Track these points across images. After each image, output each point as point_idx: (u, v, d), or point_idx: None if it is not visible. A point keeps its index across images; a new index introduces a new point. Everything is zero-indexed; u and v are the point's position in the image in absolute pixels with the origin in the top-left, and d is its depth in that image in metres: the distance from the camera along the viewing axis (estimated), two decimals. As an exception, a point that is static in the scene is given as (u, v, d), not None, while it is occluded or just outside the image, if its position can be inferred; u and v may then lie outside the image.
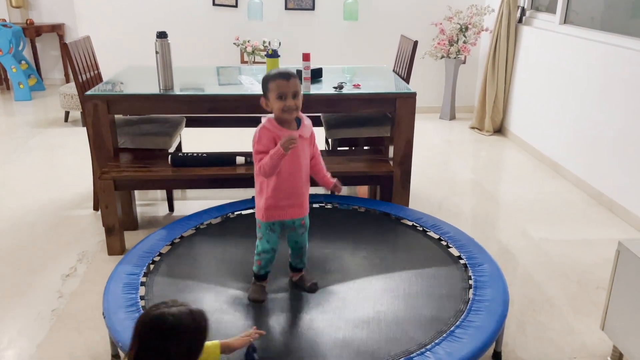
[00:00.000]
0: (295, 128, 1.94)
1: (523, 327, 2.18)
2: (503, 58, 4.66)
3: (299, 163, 1.94)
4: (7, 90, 6.48)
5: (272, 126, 1.90)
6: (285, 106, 1.87)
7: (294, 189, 1.96)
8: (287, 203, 1.96)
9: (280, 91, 1.86)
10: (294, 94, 1.88)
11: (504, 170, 4.12)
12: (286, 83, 1.87)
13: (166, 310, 1.22)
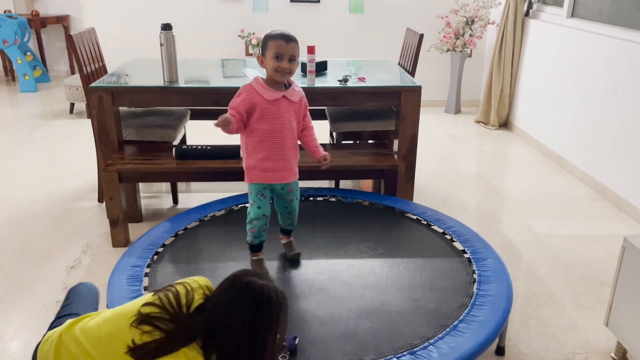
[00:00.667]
0: (283, 89, 1.98)
1: (526, 322, 2.18)
2: (509, 52, 4.63)
3: (280, 125, 1.97)
4: (12, 81, 6.50)
5: (259, 85, 1.95)
6: (280, 67, 1.90)
7: (276, 150, 1.99)
8: (270, 165, 1.99)
9: (278, 51, 1.90)
10: (291, 58, 1.91)
11: (509, 164, 4.10)
12: (285, 45, 1.90)
13: (256, 280, 1.22)
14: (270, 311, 1.21)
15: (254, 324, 1.20)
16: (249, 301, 1.20)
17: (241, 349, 1.20)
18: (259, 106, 1.95)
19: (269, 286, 1.23)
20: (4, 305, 2.24)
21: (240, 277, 1.24)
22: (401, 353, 1.63)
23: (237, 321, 1.20)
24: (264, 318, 1.20)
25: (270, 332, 1.22)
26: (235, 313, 1.20)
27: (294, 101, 2.00)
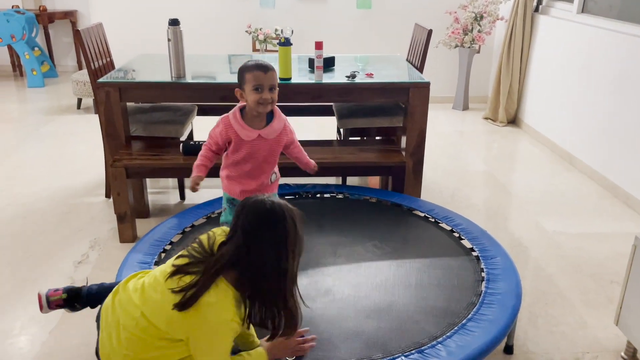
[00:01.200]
0: (262, 126, 1.97)
1: (535, 320, 2.16)
2: (518, 48, 4.59)
3: (254, 159, 2.00)
4: (20, 76, 6.52)
5: (236, 122, 1.96)
6: (262, 98, 1.88)
7: (248, 176, 2.04)
8: (240, 186, 2.05)
9: (257, 83, 1.87)
10: (271, 87, 1.89)
11: (517, 161, 4.07)
12: (263, 75, 1.87)
13: (264, 199, 1.35)
14: (279, 224, 1.31)
15: (268, 239, 1.31)
16: (259, 217, 1.31)
17: (263, 269, 1.31)
18: (235, 142, 1.98)
19: (278, 203, 1.34)
20: (12, 300, 2.25)
21: (249, 199, 1.36)
22: (409, 352, 1.61)
23: (252, 239, 1.31)
24: (275, 232, 1.31)
25: (285, 246, 1.31)
26: (249, 232, 1.31)
27: (269, 139, 2.00)
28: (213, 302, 1.31)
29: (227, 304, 1.32)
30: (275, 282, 1.33)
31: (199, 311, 1.30)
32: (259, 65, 1.89)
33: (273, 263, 1.31)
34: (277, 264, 1.32)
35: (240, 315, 1.34)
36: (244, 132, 1.96)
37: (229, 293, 1.33)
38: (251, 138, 1.97)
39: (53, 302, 1.74)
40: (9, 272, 2.46)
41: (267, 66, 1.89)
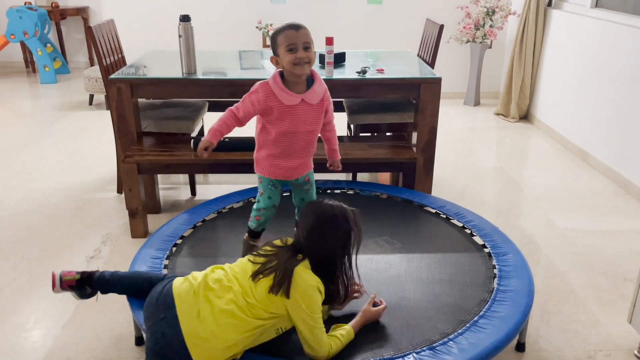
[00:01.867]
0: (304, 90, 1.85)
1: (547, 318, 2.15)
2: (531, 43, 4.55)
3: (296, 129, 1.87)
4: (33, 73, 6.57)
5: (277, 87, 1.81)
6: (297, 58, 1.75)
7: (289, 150, 1.92)
8: (281, 162, 1.93)
9: (290, 42, 1.76)
10: (305, 45, 1.77)
11: (530, 157, 4.04)
12: (295, 33, 1.77)
13: (327, 202, 1.64)
14: (338, 224, 1.62)
15: (331, 236, 1.61)
16: (319, 219, 1.62)
17: (330, 259, 1.62)
18: (276, 110, 1.83)
19: (339, 206, 1.64)
20: (25, 294, 2.27)
21: (314, 204, 1.69)
22: (420, 349, 1.61)
23: (317, 235, 1.60)
24: (336, 230, 1.61)
25: (346, 242, 1.63)
26: (315, 233, 1.60)
27: (312, 104, 1.87)
28: (300, 271, 1.55)
29: (306, 273, 1.56)
30: (340, 267, 1.66)
31: (292, 284, 1.53)
32: (289, 24, 1.80)
33: (338, 255, 1.64)
34: (341, 255, 1.65)
35: (322, 286, 1.58)
36: (286, 97, 1.81)
37: (306, 267, 1.58)
38: (294, 103, 1.82)
39: (65, 282, 1.79)
40: (23, 266, 2.48)
41: (299, 24, 1.79)
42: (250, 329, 1.52)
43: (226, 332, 1.50)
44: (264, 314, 1.53)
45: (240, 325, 1.51)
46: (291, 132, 1.87)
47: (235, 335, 1.51)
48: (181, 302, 1.54)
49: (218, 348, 1.50)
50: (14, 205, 3.10)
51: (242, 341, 1.52)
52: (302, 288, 1.53)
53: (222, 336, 1.49)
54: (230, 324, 1.50)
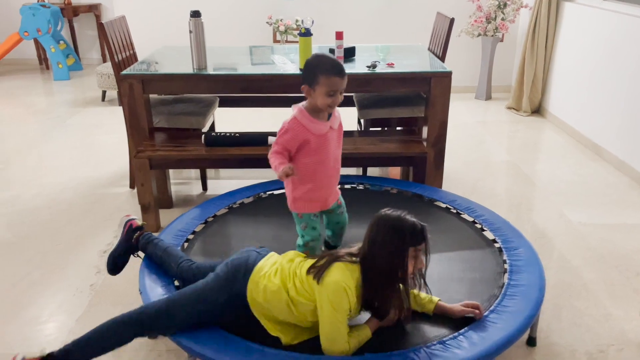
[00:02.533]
0: (326, 119, 1.90)
1: (559, 312, 2.14)
2: (543, 36, 4.50)
3: (327, 156, 1.92)
4: (46, 69, 6.63)
5: (305, 119, 1.85)
6: (334, 102, 1.81)
7: (323, 181, 1.95)
8: (318, 195, 1.96)
9: (333, 89, 1.78)
10: (342, 90, 1.83)
11: (542, 151, 4.01)
12: (340, 81, 1.79)
13: (397, 213, 1.62)
14: (400, 236, 1.57)
15: (388, 247, 1.57)
16: (390, 229, 1.58)
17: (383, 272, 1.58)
18: (312, 141, 1.87)
19: (408, 221, 1.59)
20: (39, 288, 2.31)
21: (385, 215, 1.63)
22: (431, 343, 1.61)
23: (380, 242, 1.58)
24: (395, 242, 1.57)
25: (402, 257, 1.57)
26: (379, 234, 1.59)
27: (335, 129, 1.95)
28: (338, 266, 1.58)
29: (344, 272, 1.57)
30: (391, 285, 1.61)
31: (325, 273, 1.58)
32: (336, 68, 1.79)
33: (391, 270, 1.59)
34: (394, 271, 1.59)
35: (356, 288, 1.58)
36: (317, 127, 1.86)
37: (350, 270, 1.58)
38: (324, 131, 1.88)
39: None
40: (37, 260, 2.52)
41: (343, 69, 1.81)
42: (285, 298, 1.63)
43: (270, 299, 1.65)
44: (302, 295, 1.60)
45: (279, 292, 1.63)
46: (326, 160, 1.92)
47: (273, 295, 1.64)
48: (256, 271, 1.70)
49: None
50: (28, 200, 3.14)
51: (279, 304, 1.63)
52: (332, 281, 1.55)
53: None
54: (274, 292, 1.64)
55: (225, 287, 1.70)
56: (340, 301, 1.54)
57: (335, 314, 1.54)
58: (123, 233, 2.08)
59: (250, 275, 1.69)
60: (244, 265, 1.72)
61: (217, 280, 1.71)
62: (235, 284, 1.69)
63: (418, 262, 1.60)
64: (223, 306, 1.69)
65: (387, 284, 1.59)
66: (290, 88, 2.69)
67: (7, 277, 2.39)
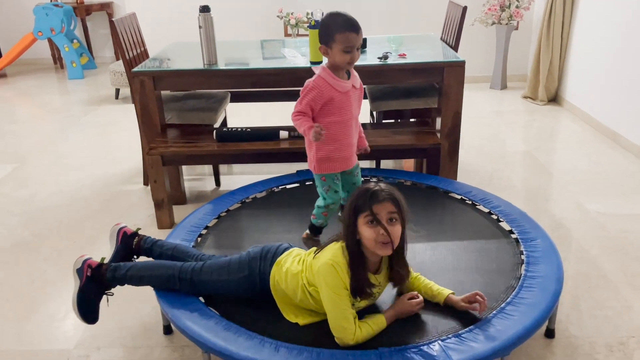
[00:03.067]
0: (346, 77, 1.94)
1: (578, 303, 2.10)
2: (559, 22, 4.42)
3: (350, 115, 1.96)
4: (61, 69, 6.69)
5: (329, 77, 1.90)
6: (352, 59, 1.84)
7: (345, 140, 1.99)
8: (341, 155, 2.00)
9: (349, 45, 1.81)
10: (359, 46, 1.85)
11: (559, 140, 3.94)
12: (355, 36, 1.82)
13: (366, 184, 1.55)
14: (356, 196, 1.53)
15: (345, 212, 1.57)
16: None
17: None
18: (336, 99, 1.91)
19: (364, 186, 1.53)
20: (57, 285, 2.33)
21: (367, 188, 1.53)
22: (446, 337, 1.59)
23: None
24: (347, 206, 1.54)
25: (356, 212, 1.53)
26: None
27: (357, 87, 1.99)
28: (330, 246, 1.59)
29: (335, 250, 1.56)
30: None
31: (319, 256, 1.60)
32: (350, 24, 1.82)
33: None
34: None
35: (338, 267, 1.53)
36: (341, 85, 1.91)
37: (342, 247, 1.56)
38: (347, 89, 1.94)
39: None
40: (54, 257, 2.54)
41: (357, 25, 1.83)
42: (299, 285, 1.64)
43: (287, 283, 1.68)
44: (312, 283, 1.61)
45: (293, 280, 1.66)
46: (348, 119, 1.96)
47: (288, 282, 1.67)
48: (283, 256, 1.73)
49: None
50: (45, 198, 3.17)
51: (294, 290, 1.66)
52: (322, 261, 1.56)
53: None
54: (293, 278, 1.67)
55: (250, 262, 1.74)
56: (333, 279, 1.53)
57: (332, 292, 1.53)
58: (117, 242, 2.03)
59: (277, 259, 1.72)
60: (275, 249, 1.77)
61: (247, 256, 1.77)
62: (261, 262, 1.73)
63: (375, 232, 1.49)
64: (240, 280, 1.73)
65: (351, 259, 1.54)
66: (301, 81, 2.63)
67: (24, 275, 2.41)
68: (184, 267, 1.81)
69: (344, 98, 1.93)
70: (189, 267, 1.81)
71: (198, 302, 1.78)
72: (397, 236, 1.52)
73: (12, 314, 2.15)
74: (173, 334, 1.98)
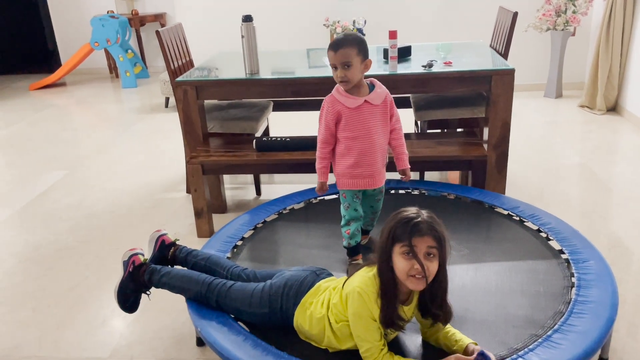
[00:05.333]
0: (366, 93, 1.94)
1: (635, 331, 1.93)
2: (619, 28, 4.18)
3: (365, 131, 1.93)
4: (116, 78, 6.92)
5: (339, 94, 1.93)
6: (337, 77, 1.88)
7: (363, 157, 1.95)
8: (359, 172, 1.97)
9: (331, 62, 1.88)
10: (344, 64, 1.84)
11: (618, 153, 3.70)
12: (333, 54, 1.86)
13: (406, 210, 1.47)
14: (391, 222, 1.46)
15: (380, 239, 1.48)
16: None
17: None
18: (344, 115, 1.93)
19: (402, 212, 1.45)
20: (96, 292, 2.36)
21: (401, 213, 1.46)
22: (486, 365, 1.48)
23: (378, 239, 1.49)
24: (384, 234, 1.45)
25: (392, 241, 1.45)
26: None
27: (376, 104, 1.95)
28: (359, 273, 1.54)
29: (364, 277, 1.49)
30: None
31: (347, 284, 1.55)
32: (332, 43, 1.88)
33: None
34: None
35: (367, 296, 1.46)
36: (349, 100, 1.91)
37: (373, 274, 1.49)
38: (359, 104, 1.91)
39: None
40: (96, 264, 2.58)
41: (339, 43, 1.86)
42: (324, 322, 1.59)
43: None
44: (339, 318, 1.55)
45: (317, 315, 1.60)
46: (362, 136, 1.93)
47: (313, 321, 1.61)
48: (307, 296, 1.66)
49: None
50: (91, 205, 3.25)
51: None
52: (350, 289, 1.50)
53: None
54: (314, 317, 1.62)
55: (271, 299, 1.68)
56: (359, 307, 1.46)
57: (358, 320, 1.46)
58: (155, 249, 2.04)
59: (301, 301, 1.65)
60: (298, 284, 1.69)
61: (268, 290, 1.70)
62: (282, 300, 1.67)
63: (409, 265, 1.40)
64: (261, 315, 1.69)
65: (382, 287, 1.45)
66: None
67: (65, 281, 2.46)
68: (212, 285, 1.78)
69: (356, 114, 1.92)
70: (216, 287, 1.77)
71: (227, 316, 1.74)
72: (433, 272, 1.43)
73: (52, 320, 2.19)
74: (205, 347, 1.96)
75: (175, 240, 2.10)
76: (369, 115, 1.93)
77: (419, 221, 1.41)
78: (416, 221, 1.40)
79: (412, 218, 1.41)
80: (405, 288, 1.48)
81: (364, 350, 1.48)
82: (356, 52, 1.85)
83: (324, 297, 1.62)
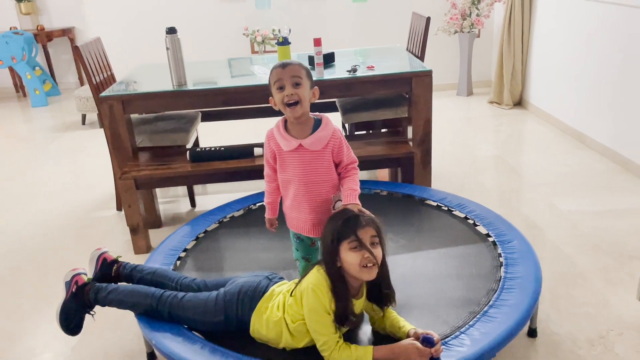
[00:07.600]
0: (308, 134, 1.70)
1: (557, 302, 2.14)
2: (519, 28, 4.55)
3: (298, 176, 1.73)
4: (23, 97, 6.55)
5: (277, 132, 1.74)
6: (285, 96, 1.64)
7: (296, 201, 1.77)
8: (293, 215, 1.81)
9: (277, 79, 1.66)
10: (295, 82, 1.65)
11: (527, 143, 4.04)
12: (282, 70, 1.65)
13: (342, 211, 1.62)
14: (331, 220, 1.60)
15: (324, 239, 1.60)
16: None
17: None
18: (278, 155, 1.75)
19: (340, 212, 1.61)
20: (34, 318, 2.26)
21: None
22: (432, 343, 1.60)
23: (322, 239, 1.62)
24: (327, 233, 1.58)
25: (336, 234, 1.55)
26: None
27: (313, 150, 1.70)
28: (312, 272, 1.61)
29: (316, 275, 1.57)
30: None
31: (301, 283, 1.63)
32: (276, 64, 1.70)
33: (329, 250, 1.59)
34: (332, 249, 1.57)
35: (320, 290, 1.54)
36: (284, 142, 1.71)
37: (321, 275, 1.57)
38: (291, 148, 1.70)
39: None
40: (29, 291, 2.47)
41: (285, 62, 1.68)
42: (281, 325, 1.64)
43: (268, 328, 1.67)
44: (296, 318, 1.61)
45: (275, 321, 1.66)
46: (293, 181, 1.74)
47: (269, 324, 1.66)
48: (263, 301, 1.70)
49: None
50: (17, 230, 3.08)
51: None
52: (303, 287, 1.58)
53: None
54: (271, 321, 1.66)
55: (226, 307, 1.71)
56: (314, 303, 1.54)
57: (314, 314, 1.54)
58: (97, 268, 1.99)
59: (256, 306, 1.68)
60: (252, 290, 1.72)
61: (222, 298, 1.72)
62: (237, 307, 1.70)
63: (359, 257, 1.51)
64: (217, 324, 1.71)
65: (333, 286, 1.55)
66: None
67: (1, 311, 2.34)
68: (162, 298, 1.78)
69: (288, 157, 1.73)
70: (167, 300, 1.77)
71: (181, 326, 1.75)
72: (380, 258, 1.56)
73: (-13, 352, 2.08)
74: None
75: (117, 257, 2.06)
76: (304, 160, 1.71)
77: (358, 216, 1.56)
78: (355, 215, 1.57)
79: (350, 216, 1.57)
80: (355, 282, 1.59)
81: (321, 344, 1.55)
82: (305, 73, 1.68)
83: (279, 300, 1.67)
